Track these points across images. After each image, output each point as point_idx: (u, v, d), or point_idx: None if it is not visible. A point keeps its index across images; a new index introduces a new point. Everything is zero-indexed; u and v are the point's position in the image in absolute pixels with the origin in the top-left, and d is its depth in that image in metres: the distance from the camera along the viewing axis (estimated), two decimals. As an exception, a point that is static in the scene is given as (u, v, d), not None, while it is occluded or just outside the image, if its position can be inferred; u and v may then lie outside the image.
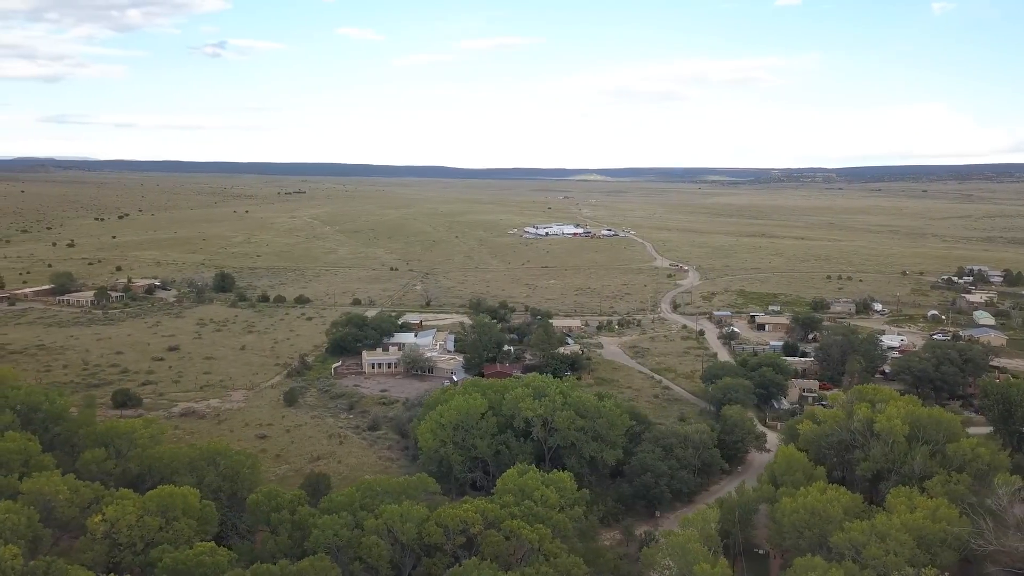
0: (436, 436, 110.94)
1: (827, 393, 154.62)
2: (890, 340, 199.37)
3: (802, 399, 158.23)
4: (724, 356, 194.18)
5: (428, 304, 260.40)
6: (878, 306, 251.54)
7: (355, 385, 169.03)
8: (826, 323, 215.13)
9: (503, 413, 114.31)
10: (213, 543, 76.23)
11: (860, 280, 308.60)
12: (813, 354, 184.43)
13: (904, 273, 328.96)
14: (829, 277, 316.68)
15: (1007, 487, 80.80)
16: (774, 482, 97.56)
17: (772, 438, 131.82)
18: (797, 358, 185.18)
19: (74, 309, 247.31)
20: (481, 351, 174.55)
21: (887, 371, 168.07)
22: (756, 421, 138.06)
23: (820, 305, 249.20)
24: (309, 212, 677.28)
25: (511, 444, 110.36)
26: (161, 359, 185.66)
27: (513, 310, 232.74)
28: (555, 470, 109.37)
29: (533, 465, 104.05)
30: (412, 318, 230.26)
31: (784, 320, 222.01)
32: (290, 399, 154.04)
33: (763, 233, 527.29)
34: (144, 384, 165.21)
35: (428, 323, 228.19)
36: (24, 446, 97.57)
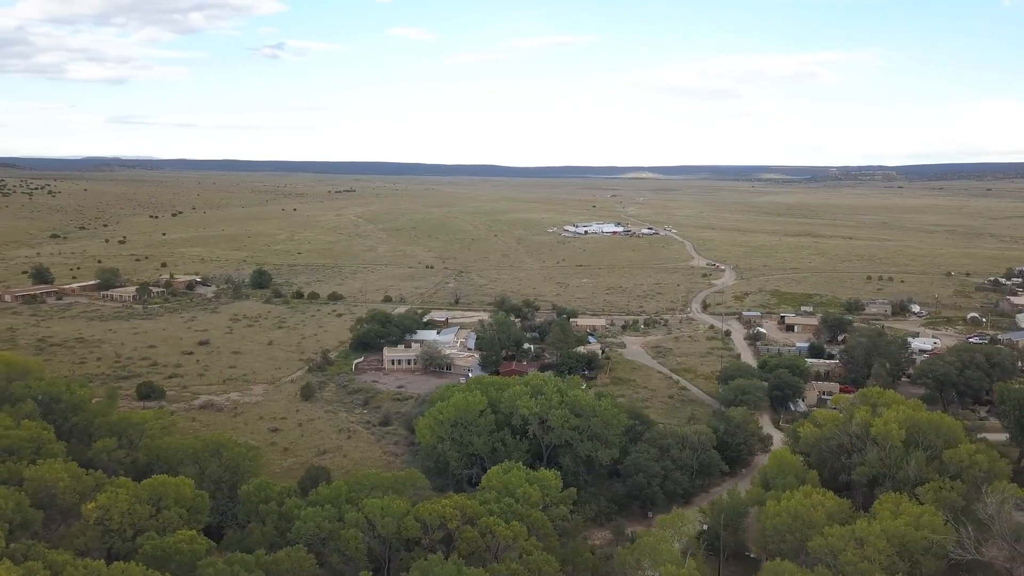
0: (434, 432, 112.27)
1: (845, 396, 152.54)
2: (922, 343, 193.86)
3: (820, 402, 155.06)
4: (748, 357, 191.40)
5: (457, 302, 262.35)
6: (916, 308, 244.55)
7: (373, 381, 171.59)
8: (858, 324, 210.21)
9: (503, 411, 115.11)
10: (194, 532, 78.55)
11: (902, 281, 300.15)
12: (838, 356, 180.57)
13: (949, 274, 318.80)
14: (869, 278, 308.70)
15: (997, 495, 78.47)
16: (766, 485, 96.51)
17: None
18: (821, 360, 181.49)
19: (116, 304, 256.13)
20: (497, 349, 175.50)
21: (912, 374, 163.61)
22: (761, 423, 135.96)
23: (855, 306, 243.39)
24: (355, 210, 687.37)
25: (508, 442, 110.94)
26: (190, 353, 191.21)
27: (537, 308, 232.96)
28: (551, 469, 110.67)
29: (528, 463, 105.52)
30: (439, 316, 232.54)
31: (813, 321, 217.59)
32: (306, 393, 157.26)
33: (809, 232, 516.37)
34: (171, 377, 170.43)
35: (454, 320, 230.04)
36: (37, 434, 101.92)
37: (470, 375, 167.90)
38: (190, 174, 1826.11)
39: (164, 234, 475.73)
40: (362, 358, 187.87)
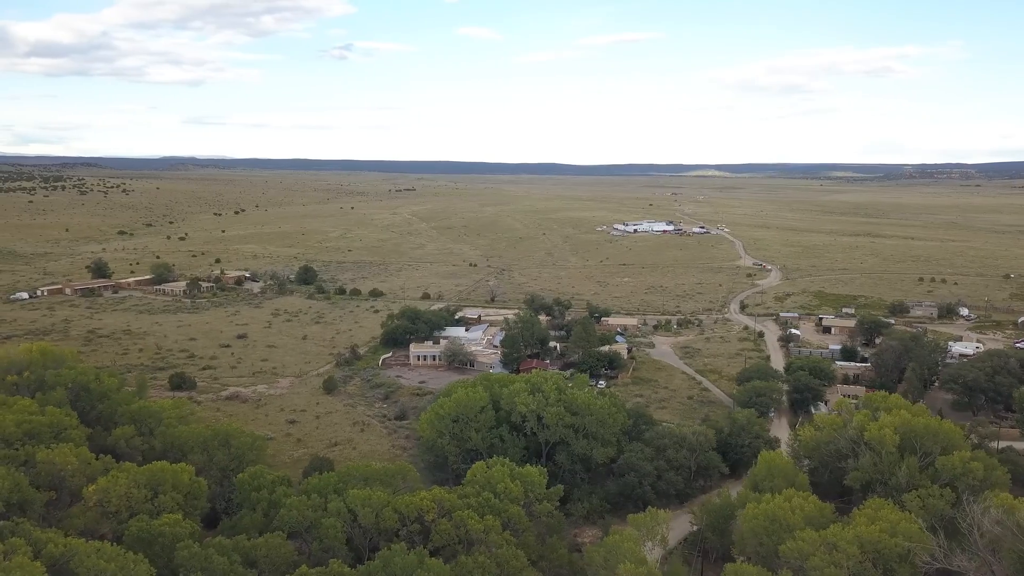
0: (434, 427, 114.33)
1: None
2: (963, 347, 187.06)
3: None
4: (779, 359, 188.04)
5: (492, 300, 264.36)
6: (964, 311, 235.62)
7: (397, 376, 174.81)
8: (898, 327, 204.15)
9: (504, 408, 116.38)
10: (179, 516, 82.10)
11: (955, 283, 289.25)
12: (870, 360, 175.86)
13: (1008, 276, 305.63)
14: (921, 279, 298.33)
15: (981, 505, 76.05)
16: (755, 487, 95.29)
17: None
18: (852, 363, 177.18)
19: (167, 298, 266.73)
20: (518, 346, 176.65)
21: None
22: (779, 426, 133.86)
23: (899, 308, 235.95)
24: (411, 209, 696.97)
25: (505, 438, 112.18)
26: (227, 346, 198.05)
27: (568, 307, 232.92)
28: (548, 466, 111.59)
29: (525, 460, 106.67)
30: (471, 313, 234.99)
31: (850, 323, 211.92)
32: (329, 387, 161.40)
33: (868, 232, 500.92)
34: (205, 368, 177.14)
35: (487, 318, 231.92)
36: (58, 420, 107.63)
37: (492, 371, 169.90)
38: (260, 173, 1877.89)
39: (223, 231, 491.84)
40: (390, 353, 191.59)
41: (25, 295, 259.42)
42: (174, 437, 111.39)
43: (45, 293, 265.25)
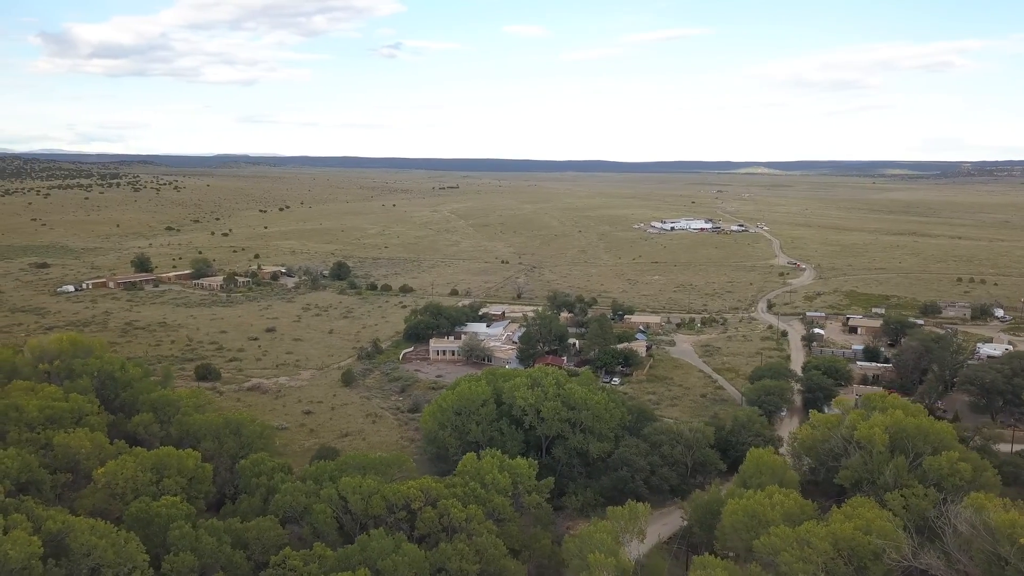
0: (436, 419, 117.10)
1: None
2: (992, 349, 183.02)
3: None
4: (801, 358, 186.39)
5: (519, 296, 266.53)
6: (999, 312, 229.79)
7: (416, 370, 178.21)
8: (927, 328, 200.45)
9: (505, 402, 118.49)
10: (177, 498, 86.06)
11: (995, 284, 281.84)
12: (892, 360, 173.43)
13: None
14: (960, 279, 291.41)
15: (962, 505, 75.67)
16: (745, 484, 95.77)
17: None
18: (873, 364, 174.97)
19: (204, 292, 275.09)
20: (534, 343, 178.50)
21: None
22: (788, 425, 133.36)
23: (931, 309, 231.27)
24: (451, 206, 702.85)
25: (505, 431, 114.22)
26: (256, 339, 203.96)
27: (590, 304, 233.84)
28: (547, 460, 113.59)
29: (524, 453, 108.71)
30: (495, 309, 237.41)
31: (877, 324, 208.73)
32: (347, 380, 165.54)
33: (913, 231, 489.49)
34: (231, 360, 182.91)
35: (511, 314, 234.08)
36: (79, 406, 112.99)
37: (507, 367, 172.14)
38: (309, 171, 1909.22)
39: (266, 227, 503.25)
40: (412, 348, 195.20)
41: (71, 288, 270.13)
42: (189, 425, 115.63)
43: (90, 286, 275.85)
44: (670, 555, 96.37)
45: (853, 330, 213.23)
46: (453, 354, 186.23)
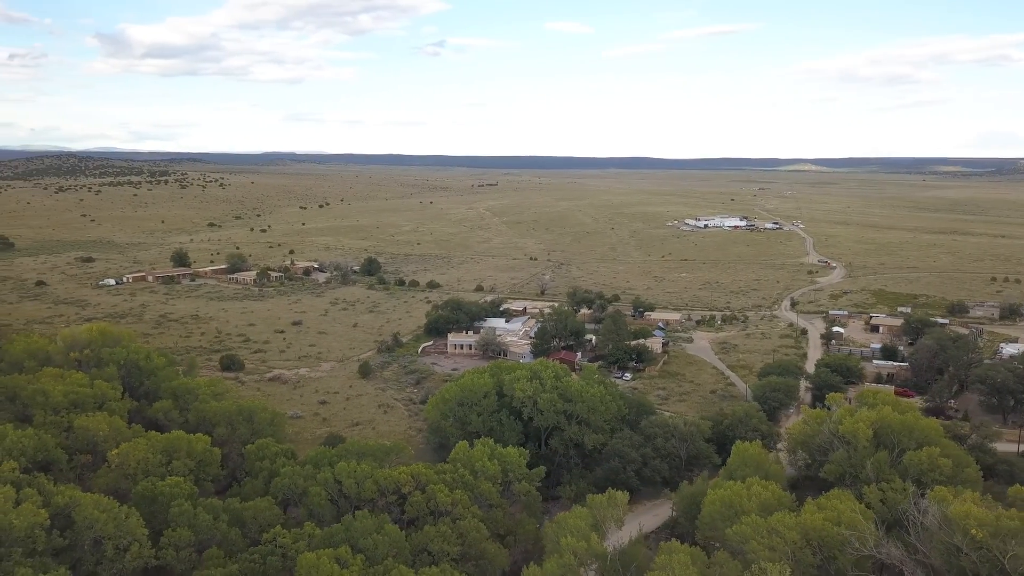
0: (439, 410, 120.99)
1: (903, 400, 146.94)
2: (1015, 349, 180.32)
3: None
4: (818, 356, 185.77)
5: (543, 292, 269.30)
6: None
7: (433, 363, 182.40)
8: (952, 327, 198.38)
9: (506, 394, 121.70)
10: (181, 479, 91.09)
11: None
12: (908, 359, 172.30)
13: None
14: (994, 279, 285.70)
15: (931, 500, 76.85)
16: (730, 476, 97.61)
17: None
18: (889, 363, 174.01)
19: (238, 286, 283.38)
20: (548, 338, 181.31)
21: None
22: (792, 421, 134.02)
23: (958, 308, 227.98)
24: (487, 204, 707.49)
25: (504, 422, 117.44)
26: (282, 332, 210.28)
27: (609, 301, 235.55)
28: (544, 450, 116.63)
29: (522, 443, 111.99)
30: (517, 305, 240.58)
31: (899, 322, 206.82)
32: (364, 371, 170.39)
33: (955, 230, 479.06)
34: (256, 352, 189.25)
35: (533, 310, 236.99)
36: (102, 392, 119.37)
37: (522, 362, 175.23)
38: (354, 168, 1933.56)
39: (303, 224, 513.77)
40: (431, 342, 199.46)
41: (112, 281, 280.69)
42: (205, 411, 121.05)
43: (130, 280, 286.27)
44: (655, 544, 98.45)
45: (875, 329, 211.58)
46: (470, 348, 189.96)
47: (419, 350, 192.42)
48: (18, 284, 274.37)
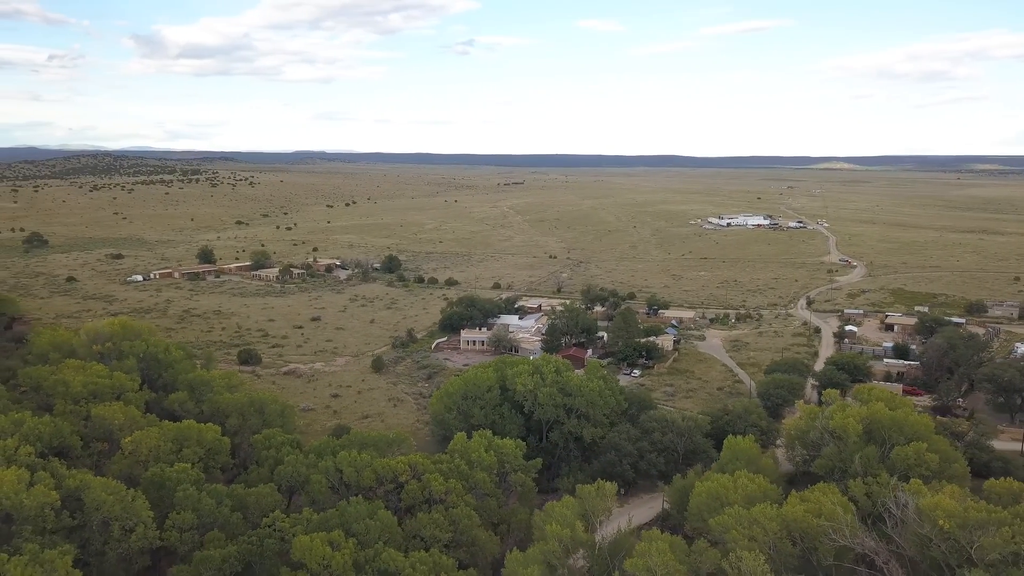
0: (443, 403, 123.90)
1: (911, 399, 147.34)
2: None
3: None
4: (829, 355, 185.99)
5: (559, 290, 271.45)
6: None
7: (445, 359, 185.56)
8: (970, 327, 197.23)
9: (509, 388, 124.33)
10: (188, 465, 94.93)
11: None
12: (919, 359, 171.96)
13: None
14: (1017, 278, 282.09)
15: (904, 492, 78.17)
16: (722, 470, 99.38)
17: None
18: (899, 361, 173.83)
19: (261, 283, 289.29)
20: (559, 335, 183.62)
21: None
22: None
23: (977, 308, 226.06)
24: (511, 202, 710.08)
25: (506, 415, 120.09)
26: (300, 327, 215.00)
27: (624, 299, 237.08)
28: (544, 443, 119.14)
29: (523, 436, 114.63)
30: (534, 302, 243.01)
31: (912, 322, 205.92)
32: (377, 366, 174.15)
33: (983, 229, 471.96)
34: (274, 347, 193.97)
35: (547, 308, 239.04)
36: (120, 383, 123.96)
37: (532, 358, 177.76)
38: (382, 167, 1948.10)
39: (328, 222, 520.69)
40: (445, 338, 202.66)
41: (140, 278, 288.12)
42: (218, 403, 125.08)
43: (157, 276, 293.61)
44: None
45: (890, 328, 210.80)
46: (482, 344, 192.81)
47: (432, 346, 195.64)
48: (50, 280, 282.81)
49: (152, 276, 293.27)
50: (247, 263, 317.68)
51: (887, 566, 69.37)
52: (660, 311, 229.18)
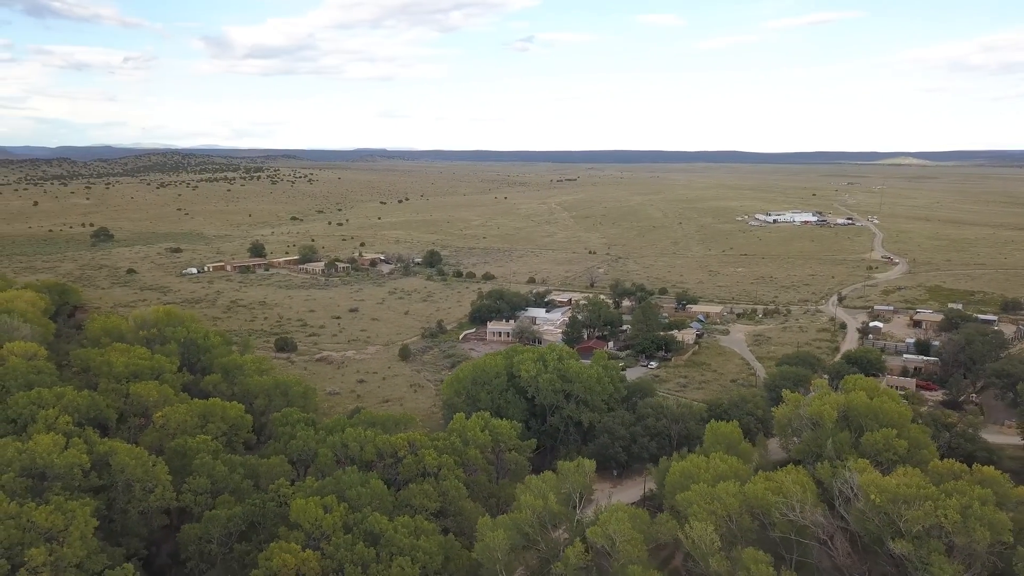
0: (452, 388, 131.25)
1: (924, 394, 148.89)
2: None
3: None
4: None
5: (592, 285, 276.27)
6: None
7: (471, 349, 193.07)
8: (1001, 324, 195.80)
9: (516, 375, 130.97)
10: (208, 437, 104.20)
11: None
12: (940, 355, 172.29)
13: None
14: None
15: (851, 472, 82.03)
16: (705, 453, 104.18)
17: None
18: (919, 357, 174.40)
19: (307, 276, 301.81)
20: (580, 327, 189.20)
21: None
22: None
23: (1012, 306, 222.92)
24: (560, 199, 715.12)
25: (511, 400, 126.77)
26: (338, 318, 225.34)
27: (651, 293, 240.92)
28: (546, 427, 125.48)
29: (524, 420, 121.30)
30: (564, 297, 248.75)
31: (939, 318, 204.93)
32: (404, 354, 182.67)
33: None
34: (311, 335, 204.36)
35: (578, 301, 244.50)
36: (159, 365, 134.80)
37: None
38: (440, 164, 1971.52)
39: (379, 218, 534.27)
40: (473, 329, 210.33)
41: (194, 270, 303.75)
42: (248, 384, 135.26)
43: (210, 269, 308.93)
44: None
45: (917, 324, 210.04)
46: (507, 336, 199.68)
47: (460, 336, 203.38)
48: (112, 272, 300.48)
49: (206, 269, 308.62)
50: (295, 257, 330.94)
51: (831, 539, 73.73)
52: (688, 306, 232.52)
